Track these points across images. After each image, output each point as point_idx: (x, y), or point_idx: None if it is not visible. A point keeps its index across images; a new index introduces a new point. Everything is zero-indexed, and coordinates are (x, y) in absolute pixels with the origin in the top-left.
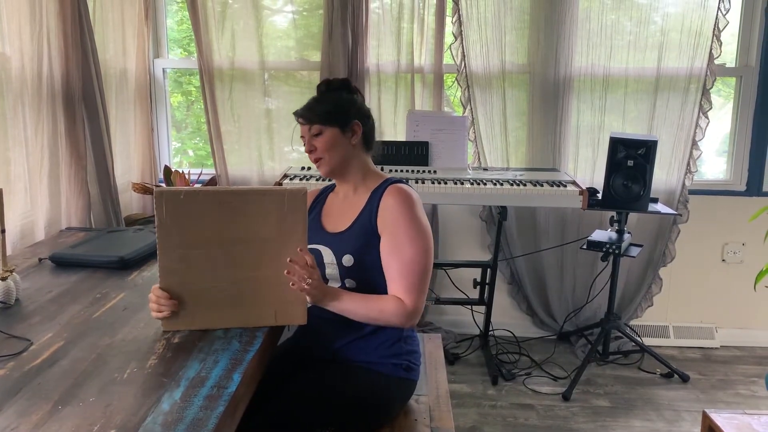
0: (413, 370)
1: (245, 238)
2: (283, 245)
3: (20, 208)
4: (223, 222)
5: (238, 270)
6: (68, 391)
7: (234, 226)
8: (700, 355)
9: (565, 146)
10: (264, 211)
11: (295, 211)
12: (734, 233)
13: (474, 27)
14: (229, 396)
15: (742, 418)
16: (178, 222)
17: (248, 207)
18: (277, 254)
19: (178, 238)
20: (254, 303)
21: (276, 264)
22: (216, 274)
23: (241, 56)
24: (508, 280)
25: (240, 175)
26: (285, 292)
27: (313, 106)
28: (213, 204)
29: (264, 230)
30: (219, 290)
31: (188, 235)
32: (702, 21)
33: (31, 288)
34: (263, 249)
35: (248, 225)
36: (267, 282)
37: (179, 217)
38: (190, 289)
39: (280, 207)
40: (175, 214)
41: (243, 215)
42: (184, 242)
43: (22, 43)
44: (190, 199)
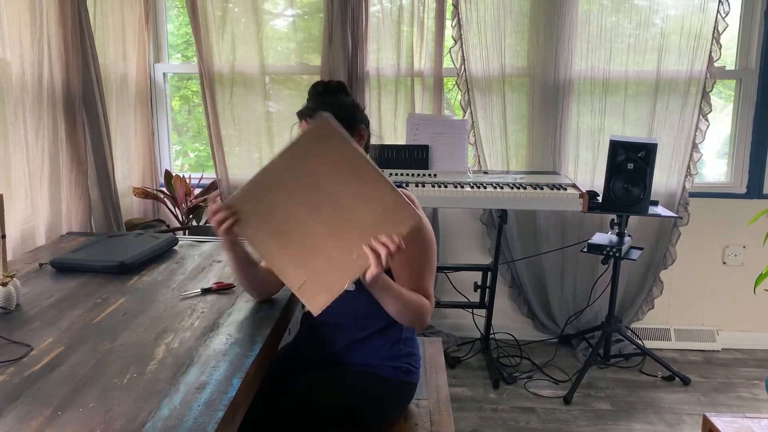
0: (413, 373)
1: (344, 205)
2: (361, 237)
3: (21, 213)
4: (342, 179)
5: (314, 221)
6: (68, 396)
7: (346, 188)
8: (701, 358)
9: (565, 149)
10: (378, 202)
11: (396, 228)
12: (735, 236)
13: (474, 30)
14: (229, 401)
15: (743, 421)
16: (312, 147)
17: (369, 187)
18: (352, 239)
19: (300, 158)
20: (296, 257)
21: (343, 245)
22: (297, 208)
23: (242, 60)
24: (508, 283)
25: (241, 178)
26: (326, 271)
27: (321, 108)
28: (348, 158)
29: (363, 214)
30: (284, 222)
31: (308, 161)
32: (701, 24)
33: (32, 293)
34: (347, 225)
35: (357, 199)
36: (322, 250)
37: (318, 144)
38: (268, 205)
39: (391, 214)
40: (316, 139)
41: (360, 189)
42: (297, 164)
43: (23, 48)
44: (339, 140)
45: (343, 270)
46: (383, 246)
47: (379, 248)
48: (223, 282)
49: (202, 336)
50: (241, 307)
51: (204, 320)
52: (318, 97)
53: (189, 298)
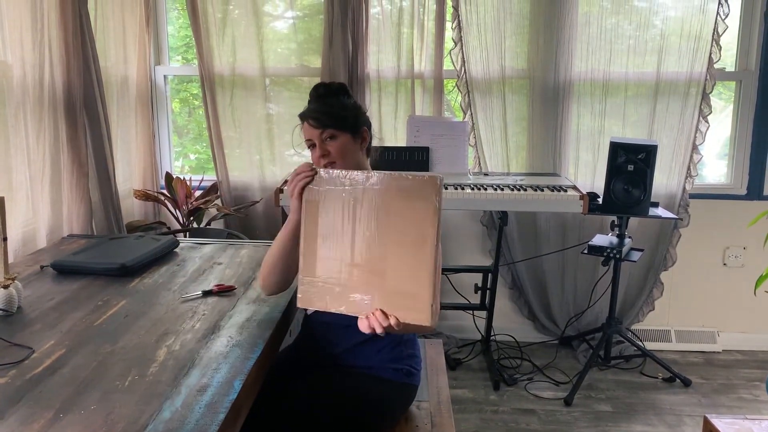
0: (414, 374)
1: (379, 227)
2: (409, 250)
3: (22, 215)
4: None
5: (367, 264)
6: (70, 398)
7: (370, 213)
8: (702, 360)
9: (565, 151)
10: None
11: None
12: (735, 237)
13: (474, 32)
14: (230, 403)
15: (743, 423)
16: (319, 202)
17: (387, 197)
18: (401, 259)
19: (321, 217)
20: (387, 293)
21: (399, 269)
22: (348, 268)
23: (242, 62)
24: (509, 285)
25: (241, 180)
26: (403, 299)
27: (325, 110)
28: (354, 188)
29: (391, 281)
30: (349, 284)
31: (328, 216)
32: (701, 25)
33: (33, 295)
34: (391, 249)
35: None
36: (391, 285)
37: (322, 192)
38: (323, 277)
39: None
40: (320, 194)
41: (385, 206)
42: (323, 223)
43: (24, 51)
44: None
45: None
46: (378, 323)
47: (373, 322)
48: (224, 284)
49: (203, 338)
50: (242, 309)
51: (205, 322)
52: (320, 99)
53: (190, 301)
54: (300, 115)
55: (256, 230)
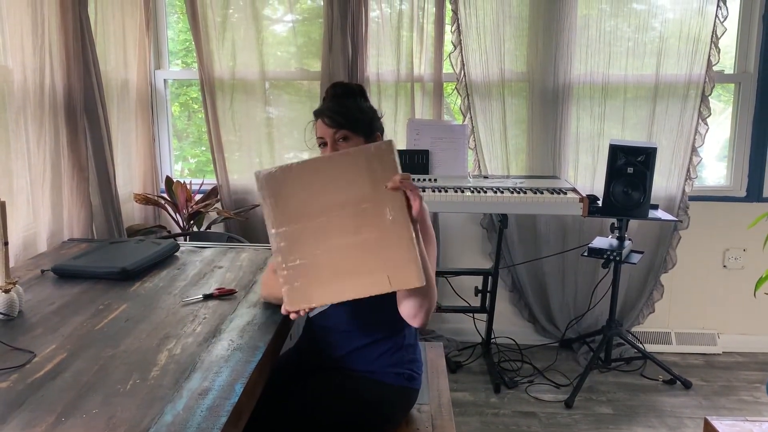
0: (415, 379)
1: (341, 203)
2: (380, 203)
3: (22, 219)
4: (318, 191)
5: (341, 237)
6: (71, 403)
7: (329, 193)
8: (703, 362)
9: (564, 153)
10: (355, 171)
11: (385, 165)
12: (735, 239)
13: (473, 36)
14: (232, 407)
15: (744, 425)
16: (278, 200)
17: (339, 170)
18: (376, 214)
19: (281, 216)
20: (364, 270)
21: (377, 224)
22: (320, 246)
23: (242, 66)
24: (509, 287)
25: (241, 184)
26: (393, 254)
27: (341, 110)
28: (307, 174)
29: (358, 190)
30: (326, 263)
31: (288, 211)
32: (700, 28)
33: (34, 300)
34: (361, 211)
35: (342, 189)
36: (372, 245)
37: (277, 195)
38: (299, 267)
39: (369, 163)
40: (273, 193)
41: (336, 180)
42: (285, 220)
43: (24, 55)
44: (285, 173)
45: (399, 240)
46: (402, 185)
47: (397, 186)
48: (225, 288)
49: (205, 342)
50: (243, 312)
51: (206, 326)
52: (337, 98)
53: (191, 304)
54: (315, 112)
55: (257, 234)
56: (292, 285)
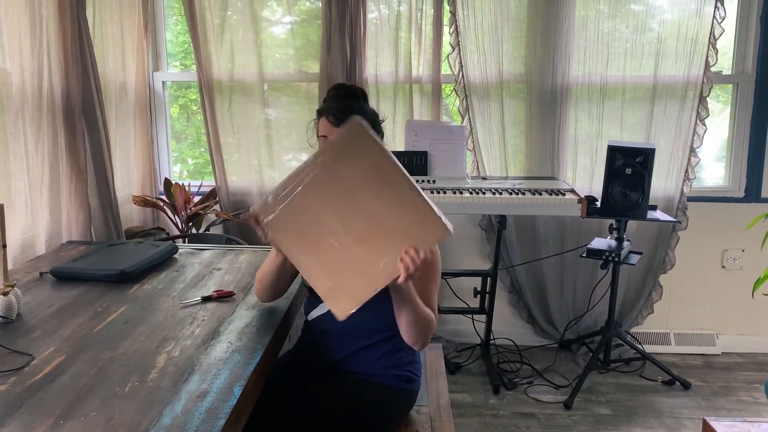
0: (414, 380)
1: (371, 212)
2: (388, 247)
3: (21, 222)
4: (372, 186)
5: (342, 228)
6: (70, 405)
7: (375, 196)
8: (702, 362)
9: (563, 155)
10: (407, 212)
11: (424, 240)
12: (734, 240)
13: (471, 37)
14: (230, 409)
15: (742, 425)
16: (345, 151)
17: (397, 196)
18: (378, 248)
19: (330, 162)
20: (326, 265)
21: (369, 254)
22: (325, 213)
23: (240, 68)
24: (508, 288)
25: (240, 185)
26: (353, 280)
27: (347, 110)
28: (378, 165)
29: (390, 223)
30: (314, 228)
31: (340, 167)
32: (698, 28)
33: (33, 302)
34: (374, 234)
35: (384, 208)
36: (348, 258)
37: (349, 148)
38: (297, 205)
39: (419, 225)
40: (349, 143)
41: (388, 198)
42: (329, 169)
43: (23, 58)
44: (372, 144)
45: (370, 279)
46: (412, 260)
47: (408, 261)
48: (224, 290)
49: (203, 344)
50: (242, 314)
51: (204, 328)
52: (341, 99)
53: (189, 306)
54: (319, 111)
55: (255, 235)
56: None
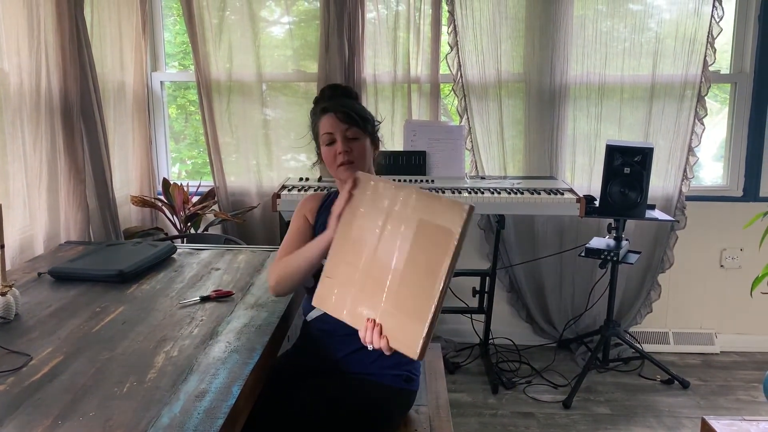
0: (413, 380)
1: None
2: (420, 275)
3: (19, 222)
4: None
5: (381, 276)
6: (68, 405)
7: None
8: (700, 361)
9: (561, 154)
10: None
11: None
12: (732, 239)
13: (469, 37)
14: (229, 409)
15: (741, 424)
16: (362, 205)
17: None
18: (412, 283)
19: (357, 220)
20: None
21: (407, 292)
22: (364, 275)
23: (239, 68)
24: (507, 288)
25: (238, 186)
26: (401, 325)
27: (352, 108)
28: (393, 200)
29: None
30: (360, 293)
31: (363, 221)
32: (696, 28)
33: (31, 302)
34: (406, 269)
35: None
36: (396, 305)
37: (365, 199)
38: (341, 279)
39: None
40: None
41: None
42: (357, 225)
43: (21, 58)
44: (379, 188)
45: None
46: (372, 339)
47: (369, 336)
48: (222, 290)
49: (202, 344)
50: (240, 314)
51: (203, 328)
52: (339, 98)
53: (188, 306)
54: (322, 108)
55: (254, 235)
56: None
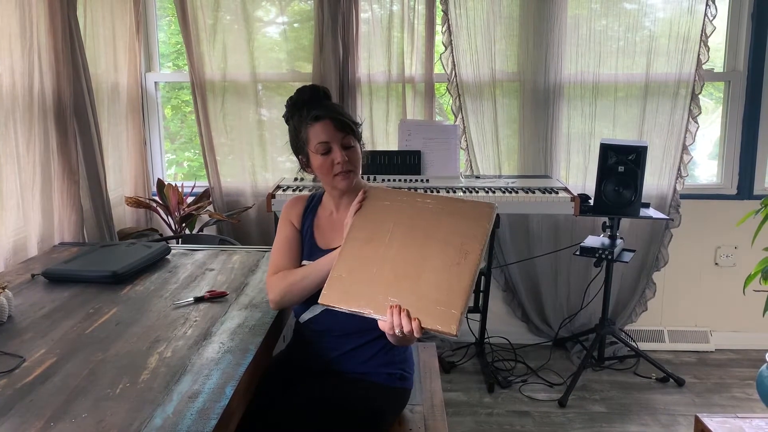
0: (407, 379)
1: (422, 241)
2: (450, 261)
3: (13, 224)
4: (411, 222)
5: (403, 266)
6: (61, 407)
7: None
8: (695, 359)
9: (556, 153)
10: (452, 225)
11: (477, 226)
12: (726, 237)
13: (464, 36)
14: (222, 410)
15: (734, 422)
16: (374, 211)
17: (441, 218)
18: (440, 268)
19: (370, 224)
20: (410, 296)
21: (436, 276)
22: (382, 267)
23: (233, 68)
24: (502, 287)
25: (233, 186)
26: (433, 305)
27: (345, 115)
28: (409, 204)
29: (443, 241)
30: (380, 284)
31: (377, 224)
32: (690, 26)
33: (24, 304)
34: (431, 257)
35: (432, 231)
36: (423, 290)
37: (377, 206)
38: (356, 275)
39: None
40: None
41: (434, 222)
42: (371, 228)
43: (13, 59)
44: (392, 195)
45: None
46: (401, 324)
47: (396, 321)
48: (216, 290)
49: (195, 345)
50: (234, 315)
51: (197, 329)
52: (322, 101)
53: (182, 307)
54: (314, 116)
55: (249, 236)
56: (340, 275)
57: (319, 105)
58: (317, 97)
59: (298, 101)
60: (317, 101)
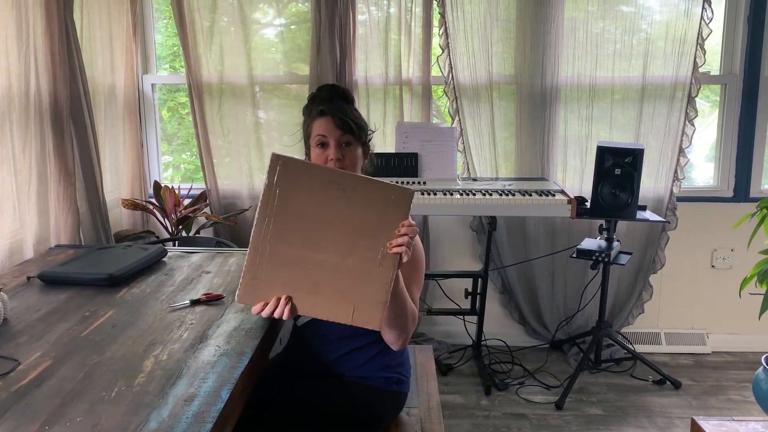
0: (404, 382)
1: (341, 224)
2: (377, 240)
3: (8, 226)
4: (326, 202)
5: (327, 254)
6: (56, 410)
7: (335, 209)
8: (692, 362)
9: (553, 156)
10: (370, 201)
11: (398, 210)
12: (723, 239)
13: (461, 39)
14: (218, 413)
15: (731, 424)
16: (285, 190)
17: (355, 193)
18: (369, 248)
19: (279, 207)
20: (333, 295)
21: (364, 257)
22: (304, 252)
23: (230, 70)
24: (499, 289)
25: (230, 188)
26: (366, 289)
27: (350, 114)
28: (323, 181)
29: (363, 220)
30: (303, 271)
31: (289, 206)
32: (686, 29)
33: (20, 307)
34: (357, 239)
35: (350, 211)
36: (351, 274)
37: (287, 185)
38: (274, 264)
39: (386, 201)
40: (284, 181)
41: (348, 200)
42: (282, 212)
43: (9, 61)
44: (303, 169)
45: (379, 278)
46: (400, 241)
47: (401, 243)
48: (212, 293)
49: (191, 348)
50: (230, 318)
51: (193, 332)
52: (337, 101)
53: (178, 310)
54: (319, 110)
55: (246, 238)
56: (255, 277)
57: (329, 102)
58: (333, 96)
59: (315, 97)
60: (331, 99)
